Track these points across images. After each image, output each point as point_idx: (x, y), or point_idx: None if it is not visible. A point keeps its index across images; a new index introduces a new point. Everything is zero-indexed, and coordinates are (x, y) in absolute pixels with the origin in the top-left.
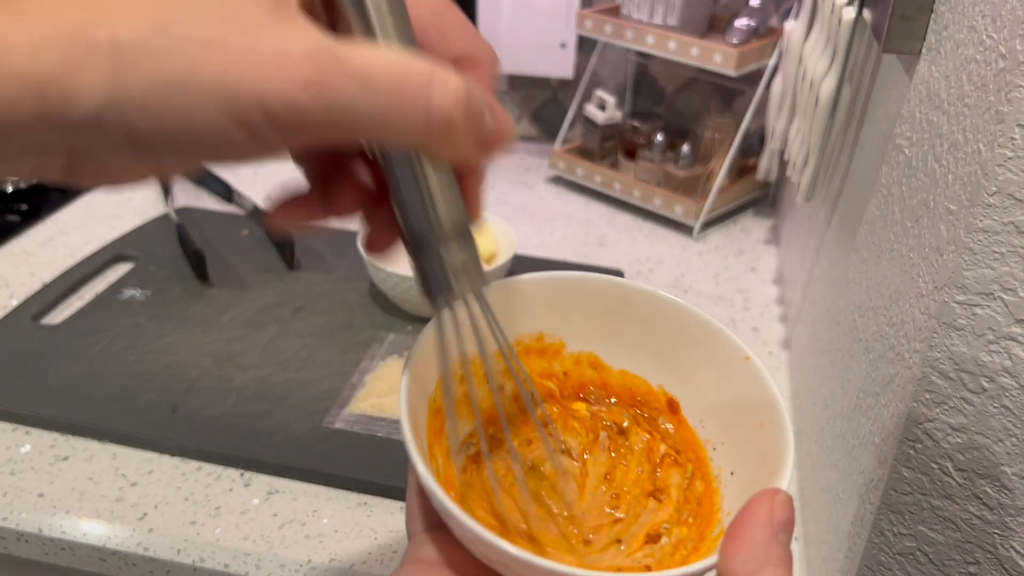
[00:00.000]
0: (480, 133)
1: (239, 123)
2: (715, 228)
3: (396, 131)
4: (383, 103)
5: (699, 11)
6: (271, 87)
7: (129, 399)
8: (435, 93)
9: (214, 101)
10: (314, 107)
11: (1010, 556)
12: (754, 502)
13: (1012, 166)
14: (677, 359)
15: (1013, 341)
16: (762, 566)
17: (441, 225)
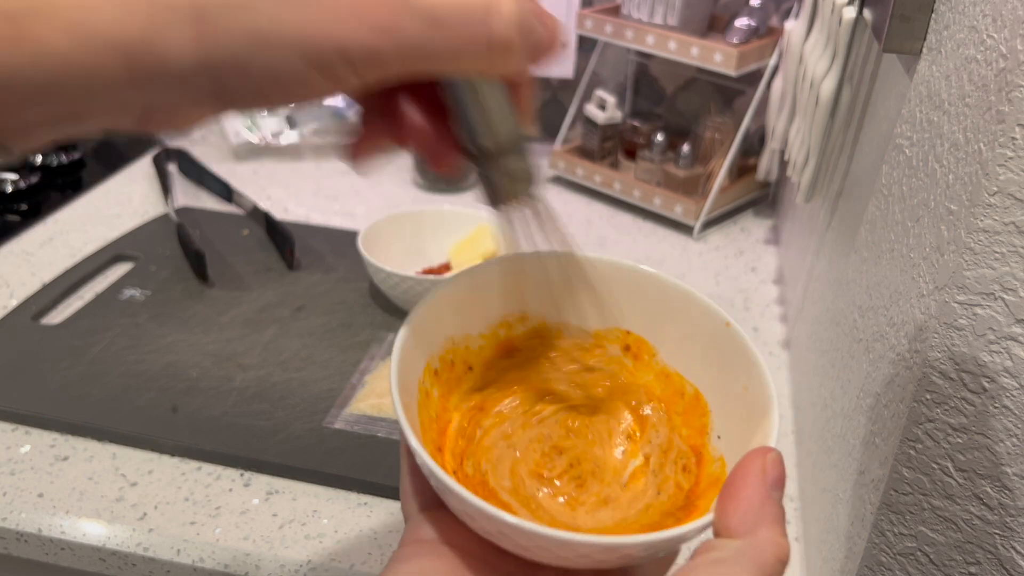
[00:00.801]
0: (536, 47)
1: (321, 69)
2: (715, 228)
3: (464, 60)
4: (450, 38)
5: (699, 11)
6: (349, 34)
7: (129, 399)
8: (494, 21)
9: (298, 52)
10: (390, 49)
11: (1011, 556)
12: (746, 461)
13: (1013, 166)
14: (661, 330)
15: (1014, 341)
16: (758, 523)
17: (499, 139)
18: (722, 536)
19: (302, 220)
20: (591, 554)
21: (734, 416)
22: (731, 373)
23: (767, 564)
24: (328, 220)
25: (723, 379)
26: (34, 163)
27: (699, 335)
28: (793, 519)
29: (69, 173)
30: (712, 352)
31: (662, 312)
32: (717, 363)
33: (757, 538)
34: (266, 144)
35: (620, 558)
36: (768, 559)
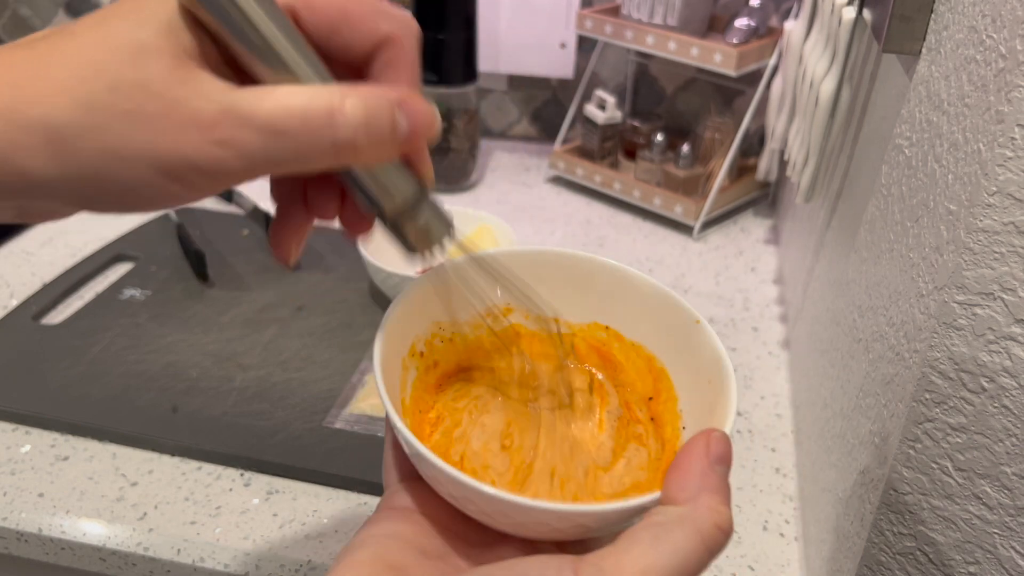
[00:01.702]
0: (393, 140)
1: (175, 180)
2: (715, 228)
3: (310, 163)
4: (293, 146)
5: (699, 11)
6: (194, 149)
7: (129, 399)
8: (337, 125)
9: (150, 166)
10: (235, 161)
11: (1010, 556)
12: (693, 439)
13: (1012, 166)
14: (634, 326)
15: (1013, 341)
16: (699, 493)
17: (394, 206)
18: (667, 505)
19: None
20: (548, 521)
21: (698, 407)
22: (698, 367)
23: (705, 528)
24: None
25: (692, 373)
26: None
27: (673, 332)
28: (792, 519)
29: None
30: (683, 347)
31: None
32: (687, 357)
33: (697, 505)
34: None
35: (575, 527)
36: (706, 524)
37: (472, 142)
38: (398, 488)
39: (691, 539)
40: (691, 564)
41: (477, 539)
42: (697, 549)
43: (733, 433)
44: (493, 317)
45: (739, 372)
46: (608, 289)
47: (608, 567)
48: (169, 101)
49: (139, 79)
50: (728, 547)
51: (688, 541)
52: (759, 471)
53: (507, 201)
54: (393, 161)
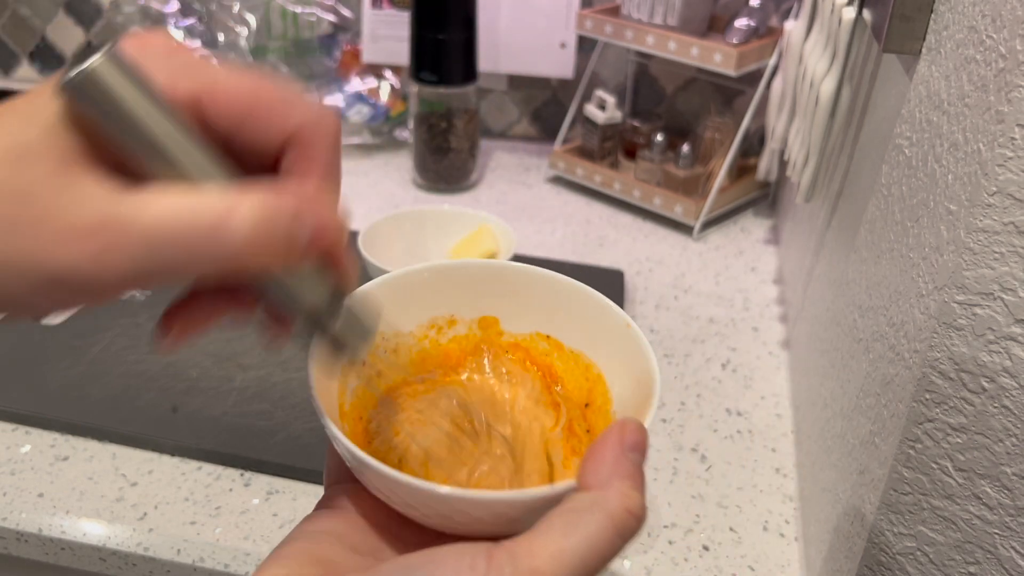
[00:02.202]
0: (294, 245)
1: (43, 295)
2: (715, 228)
3: (198, 273)
4: (173, 256)
5: (699, 11)
6: (63, 264)
7: (129, 399)
8: (225, 235)
9: (23, 278)
10: (110, 273)
11: (1010, 556)
12: (607, 428)
13: (1012, 166)
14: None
15: (1013, 341)
16: (611, 478)
17: (309, 310)
18: (581, 491)
19: None
20: (468, 510)
21: (630, 409)
22: (630, 368)
23: (616, 514)
24: None
25: (624, 374)
26: None
27: (607, 338)
28: (793, 519)
29: None
30: (617, 350)
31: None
32: (620, 359)
33: (608, 490)
34: None
35: (497, 517)
36: (617, 508)
37: (472, 142)
38: (336, 490)
39: (602, 523)
40: (602, 548)
41: (413, 539)
42: (608, 533)
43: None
44: (438, 329)
45: (739, 372)
46: (547, 299)
47: (521, 552)
48: (47, 208)
49: (18, 185)
50: (728, 547)
51: (599, 525)
52: (759, 471)
53: (507, 201)
54: (302, 267)
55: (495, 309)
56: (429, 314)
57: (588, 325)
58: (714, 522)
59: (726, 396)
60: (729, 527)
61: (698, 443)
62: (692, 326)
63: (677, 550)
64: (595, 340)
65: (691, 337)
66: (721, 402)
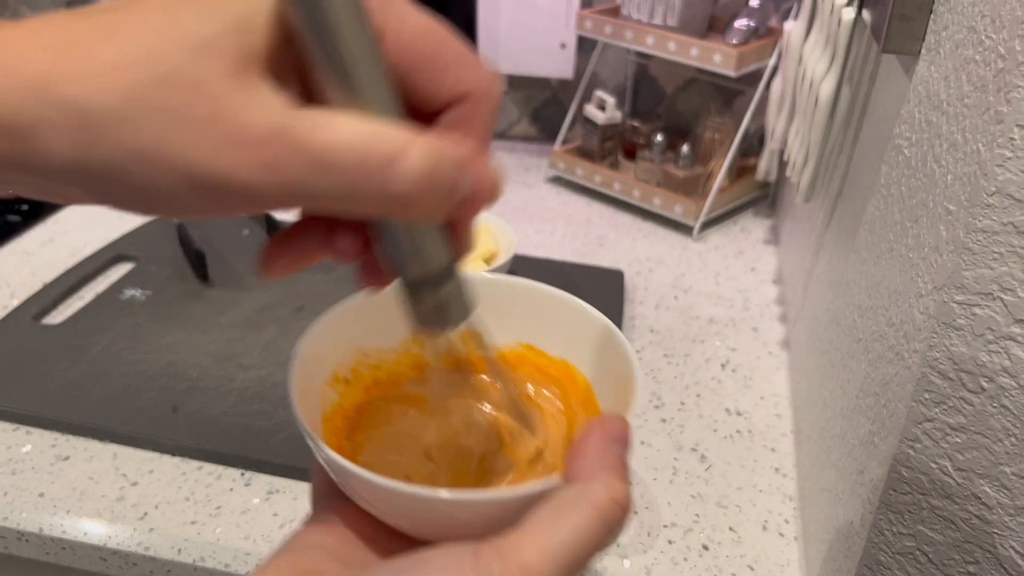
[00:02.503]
0: (451, 200)
1: (200, 195)
2: (715, 228)
3: (356, 206)
4: (338, 185)
5: (699, 11)
6: (228, 167)
7: (130, 399)
8: (395, 172)
9: (176, 174)
10: (270, 188)
11: (1009, 556)
12: (591, 423)
13: (1011, 166)
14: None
15: (1012, 341)
16: (596, 470)
17: (423, 272)
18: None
19: None
20: (452, 513)
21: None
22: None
23: (601, 503)
24: None
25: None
26: None
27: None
28: (792, 518)
29: None
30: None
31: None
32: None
33: (593, 481)
34: None
35: (483, 518)
36: (602, 499)
37: None
38: (323, 506)
39: (588, 515)
40: (590, 539)
41: (402, 550)
42: (595, 524)
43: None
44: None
45: (739, 372)
46: (526, 308)
47: (508, 548)
48: (219, 107)
49: (193, 77)
50: (728, 547)
51: (585, 517)
52: (759, 471)
53: (507, 201)
54: (436, 223)
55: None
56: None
57: (566, 330)
58: (714, 522)
59: (726, 396)
60: (729, 527)
61: (698, 443)
62: (692, 326)
63: (677, 550)
64: (575, 345)
65: (691, 337)
66: (721, 402)
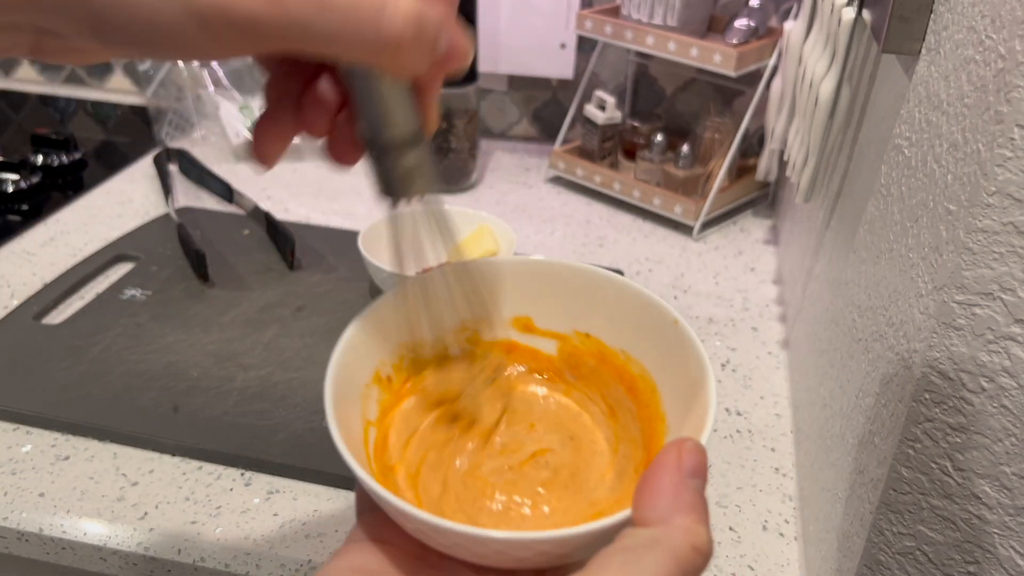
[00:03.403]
0: (432, 52)
1: (202, 26)
2: (715, 228)
3: (349, 48)
4: (338, 23)
5: (699, 11)
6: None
7: (130, 399)
8: (387, 15)
9: (181, 4)
10: (273, 20)
11: (1009, 556)
12: (663, 452)
13: (1011, 166)
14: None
15: (1012, 341)
16: (672, 513)
17: (394, 134)
18: (639, 526)
19: (302, 220)
20: (505, 550)
21: (680, 414)
22: (680, 370)
23: (680, 551)
24: (328, 220)
25: (674, 377)
26: (35, 163)
27: (653, 335)
28: (792, 518)
29: (70, 173)
30: (664, 350)
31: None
32: (668, 361)
33: (670, 526)
34: None
35: (536, 554)
36: (682, 546)
37: (472, 142)
38: (368, 520)
39: (665, 564)
40: None
41: (448, 568)
42: (672, 574)
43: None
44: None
45: (738, 372)
46: (586, 295)
47: None
48: None
49: None
50: (728, 547)
51: (661, 566)
52: (758, 471)
53: (507, 201)
54: (407, 88)
55: (527, 308)
56: (455, 320)
57: (630, 322)
58: (713, 522)
59: (725, 396)
60: (728, 526)
61: None
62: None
63: None
64: (639, 338)
65: None
66: (720, 402)
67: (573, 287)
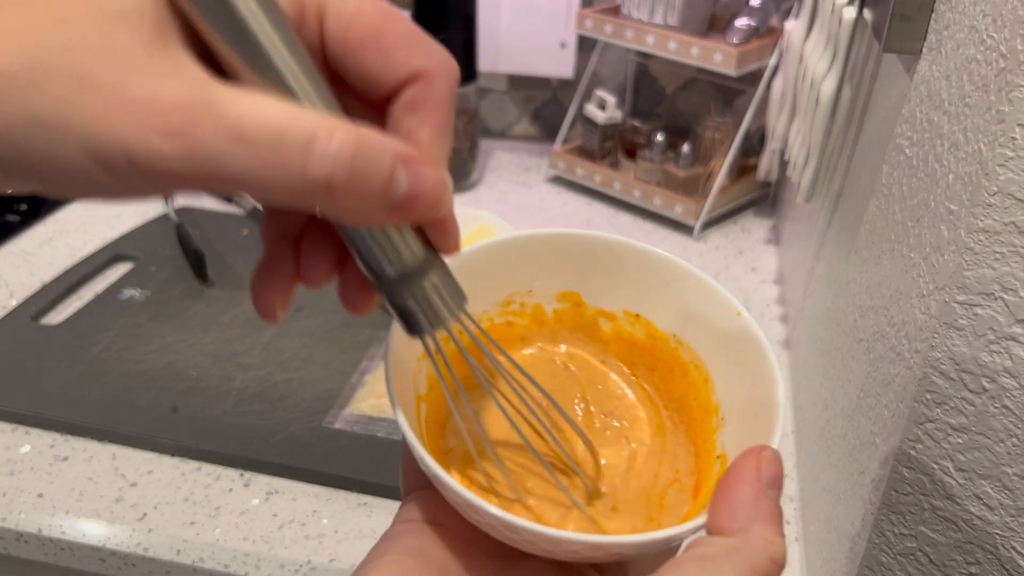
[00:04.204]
0: (382, 198)
1: (103, 167)
2: (715, 228)
3: (272, 191)
4: (253, 160)
5: (699, 11)
6: (134, 135)
7: (129, 399)
8: (314, 153)
9: (77, 143)
10: (180, 158)
11: (1011, 556)
12: (741, 459)
13: (1013, 166)
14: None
15: (1014, 341)
16: (751, 522)
17: (394, 269)
18: (715, 534)
19: None
20: (579, 551)
21: (739, 411)
22: (740, 366)
23: (759, 563)
24: None
25: (732, 371)
26: None
27: (711, 325)
28: (793, 519)
29: None
30: (723, 342)
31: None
32: (727, 354)
33: (749, 536)
34: None
35: (609, 555)
36: (760, 558)
37: (472, 142)
38: (415, 497)
39: (742, 574)
40: None
41: (500, 551)
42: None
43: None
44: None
45: None
46: (639, 274)
47: None
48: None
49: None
50: None
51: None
52: None
53: (507, 201)
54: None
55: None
56: (503, 292)
57: (688, 309)
58: None
59: None
60: None
61: None
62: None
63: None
64: (696, 327)
65: None
66: None
67: (626, 265)
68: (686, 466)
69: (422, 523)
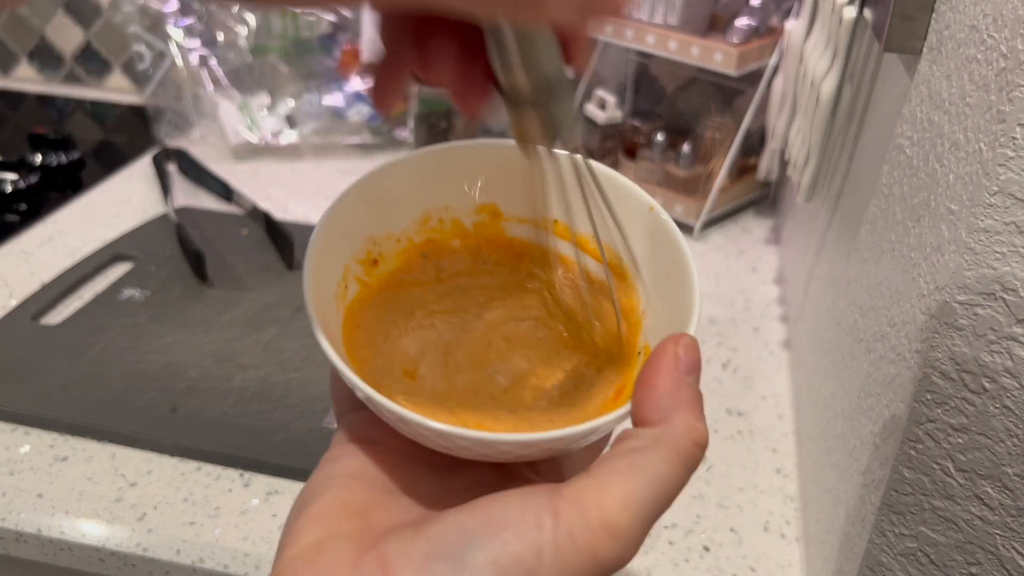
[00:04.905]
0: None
1: None
2: (716, 228)
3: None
4: None
5: (700, 10)
6: None
7: (128, 399)
8: None
9: None
10: None
11: (1012, 557)
12: (660, 350)
13: (1013, 166)
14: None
15: (1014, 341)
16: (672, 411)
17: (538, 81)
18: (640, 426)
19: (302, 220)
20: (512, 450)
21: (657, 304)
22: (656, 258)
23: (684, 449)
24: None
25: (648, 264)
26: (33, 163)
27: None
28: (793, 519)
29: (69, 173)
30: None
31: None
32: (642, 248)
33: (672, 424)
34: (266, 144)
35: (541, 451)
36: (684, 444)
37: None
38: (349, 419)
39: (670, 462)
40: (672, 486)
41: (442, 463)
42: (677, 471)
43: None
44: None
45: (740, 373)
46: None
47: (589, 504)
48: None
49: None
50: (729, 548)
51: (667, 464)
52: (760, 472)
53: None
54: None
55: (493, 196)
56: (421, 208)
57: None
58: (715, 523)
59: (727, 396)
60: (730, 528)
61: None
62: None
63: (678, 551)
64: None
65: None
66: (722, 402)
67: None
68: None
69: (360, 443)
